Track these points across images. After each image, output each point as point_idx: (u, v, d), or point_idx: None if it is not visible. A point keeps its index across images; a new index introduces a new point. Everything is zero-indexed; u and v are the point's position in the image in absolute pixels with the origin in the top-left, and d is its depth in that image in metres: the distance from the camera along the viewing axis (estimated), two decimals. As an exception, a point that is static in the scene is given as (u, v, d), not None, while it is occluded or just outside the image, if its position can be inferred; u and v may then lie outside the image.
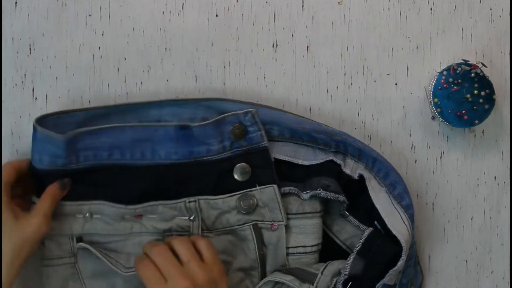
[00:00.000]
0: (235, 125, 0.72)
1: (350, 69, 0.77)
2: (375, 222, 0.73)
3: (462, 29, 0.77)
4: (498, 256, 0.78)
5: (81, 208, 0.72)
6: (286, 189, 0.72)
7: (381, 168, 0.73)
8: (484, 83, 0.73)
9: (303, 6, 0.77)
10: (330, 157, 0.73)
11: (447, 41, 0.77)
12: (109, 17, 0.77)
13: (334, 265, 0.72)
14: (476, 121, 0.74)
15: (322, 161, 0.73)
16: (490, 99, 0.73)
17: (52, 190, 0.71)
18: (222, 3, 0.77)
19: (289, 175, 0.73)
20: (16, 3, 0.77)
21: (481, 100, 0.73)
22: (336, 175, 0.73)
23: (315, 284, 0.70)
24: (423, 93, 0.77)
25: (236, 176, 0.72)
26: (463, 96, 0.73)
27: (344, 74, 0.78)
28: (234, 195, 0.72)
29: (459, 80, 0.73)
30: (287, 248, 0.73)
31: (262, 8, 0.77)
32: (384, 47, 0.77)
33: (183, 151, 0.72)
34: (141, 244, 0.71)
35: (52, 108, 0.77)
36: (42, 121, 0.71)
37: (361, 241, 0.71)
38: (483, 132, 0.78)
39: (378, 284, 0.70)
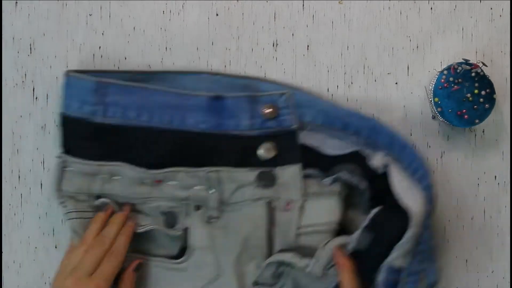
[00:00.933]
0: (268, 104, 0.72)
1: (351, 68, 0.77)
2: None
3: (463, 29, 0.77)
4: (498, 256, 0.78)
5: (100, 168, 0.72)
6: (310, 170, 0.72)
7: (407, 158, 0.72)
8: (485, 82, 0.73)
9: (303, 5, 0.77)
10: (357, 149, 0.72)
11: (448, 41, 0.77)
12: (110, 16, 0.77)
13: (337, 240, 0.71)
14: (477, 121, 0.74)
15: (348, 152, 0.72)
16: (490, 99, 0.73)
17: (128, 277, 0.72)
18: (222, 3, 0.77)
19: (314, 164, 0.73)
20: (16, 2, 0.77)
21: (481, 100, 0.73)
22: (361, 167, 0.72)
23: (315, 257, 0.70)
24: (423, 93, 0.77)
25: (261, 155, 0.72)
26: (463, 96, 0.73)
27: (345, 73, 0.77)
28: (256, 169, 0.72)
29: (460, 80, 0.73)
30: (299, 228, 0.73)
31: (263, 7, 0.77)
32: (385, 46, 0.77)
33: (212, 121, 0.72)
34: (159, 208, 0.73)
35: (52, 108, 0.77)
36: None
37: (370, 216, 0.70)
38: (483, 131, 0.78)
39: (383, 264, 0.68)
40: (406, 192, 0.69)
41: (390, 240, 0.68)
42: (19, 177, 0.78)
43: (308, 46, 0.77)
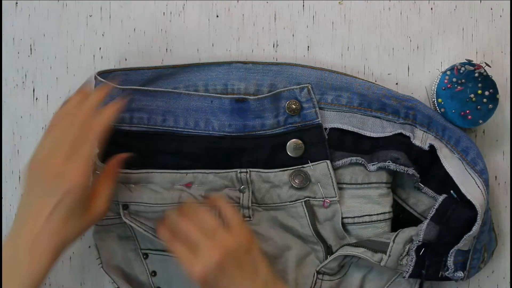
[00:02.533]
0: (290, 101, 0.72)
1: (351, 68, 0.77)
2: (451, 191, 0.71)
3: (463, 29, 0.77)
4: (498, 256, 0.78)
5: (128, 177, 0.72)
6: (353, 159, 0.72)
7: (451, 136, 0.72)
8: (488, 82, 0.73)
9: (303, 6, 0.77)
10: (398, 130, 0.72)
11: (448, 41, 0.77)
12: (110, 17, 0.77)
13: (406, 233, 0.71)
14: (480, 121, 0.73)
15: (390, 134, 0.72)
16: (493, 99, 0.73)
17: (110, 170, 0.68)
18: (222, 4, 0.77)
19: (355, 147, 0.73)
20: (16, 3, 0.77)
21: (484, 100, 0.73)
22: (405, 148, 0.72)
23: (388, 253, 0.69)
24: (424, 93, 0.77)
25: (289, 152, 0.73)
26: (467, 96, 0.73)
27: (345, 74, 0.78)
28: (287, 170, 0.72)
29: (463, 80, 0.73)
30: (353, 217, 0.73)
31: (263, 8, 0.77)
32: (385, 46, 0.77)
33: (237, 124, 0.73)
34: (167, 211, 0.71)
35: (53, 109, 0.77)
36: (108, 75, 0.72)
37: (435, 207, 0.70)
38: (483, 131, 0.78)
39: (452, 250, 0.68)
40: (467, 184, 0.70)
41: (458, 231, 0.68)
42: (19, 177, 0.78)
43: (308, 46, 0.77)
